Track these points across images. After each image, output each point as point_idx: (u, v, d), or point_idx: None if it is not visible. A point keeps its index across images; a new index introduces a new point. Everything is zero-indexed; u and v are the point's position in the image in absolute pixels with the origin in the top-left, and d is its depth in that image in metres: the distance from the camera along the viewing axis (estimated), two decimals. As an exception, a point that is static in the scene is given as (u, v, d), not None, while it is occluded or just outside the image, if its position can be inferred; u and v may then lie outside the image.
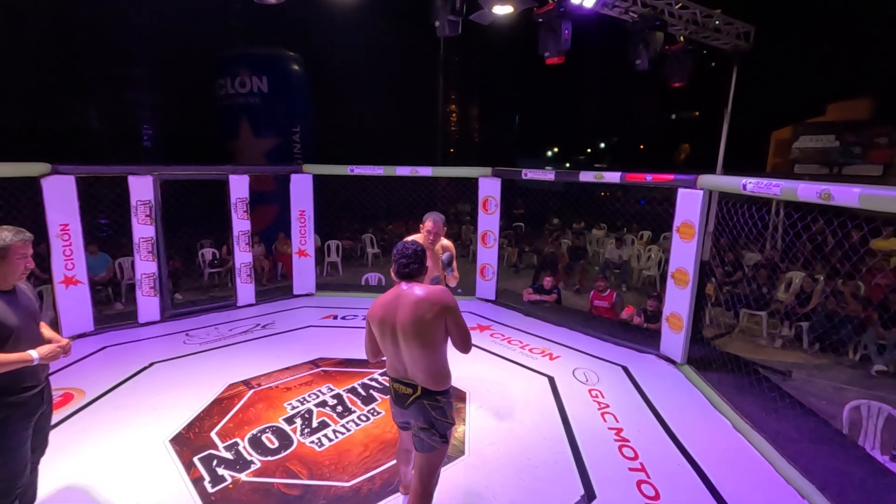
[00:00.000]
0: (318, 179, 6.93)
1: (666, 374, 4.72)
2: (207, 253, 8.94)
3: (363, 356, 4.92)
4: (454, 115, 31.44)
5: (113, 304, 7.12)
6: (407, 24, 18.01)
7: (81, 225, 5.22)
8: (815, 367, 5.49)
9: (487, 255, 6.86)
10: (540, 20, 5.57)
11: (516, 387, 4.37)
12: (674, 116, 35.98)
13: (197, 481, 2.97)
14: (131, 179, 5.48)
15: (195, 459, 3.19)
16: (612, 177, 5.55)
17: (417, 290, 2.26)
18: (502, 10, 5.17)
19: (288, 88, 10.59)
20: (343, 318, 6.16)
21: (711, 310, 6.68)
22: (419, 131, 20.79)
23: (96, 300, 5.61)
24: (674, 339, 4.89)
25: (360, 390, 4.21)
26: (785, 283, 7.26)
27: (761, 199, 3.81)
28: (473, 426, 3.69)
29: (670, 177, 4.93)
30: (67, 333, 5.18)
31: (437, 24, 4.94)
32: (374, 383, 4.36)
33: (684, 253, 4.72)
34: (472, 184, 6.79)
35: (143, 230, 5.58)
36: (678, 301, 4.81)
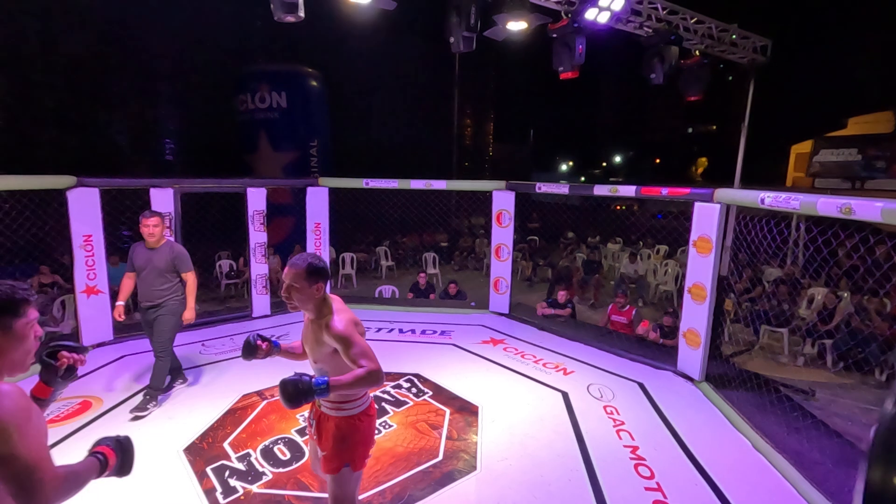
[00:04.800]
0: (333, 192, 7.02)
1: (683, 392, 4.62)
2: (225, 264, 9.08)
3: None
4: (469, 129, 31.72)
5: (133, 314, 7.25)
6: (422, 40, 18.34)
7: (104, 236, 5.36)
8: (840, 386, 5.33)
9: (501, 268, 6.84)
10: (554, 36, 5.62)
11: (529, 402, 4.32)
12: (690, 130, 35.76)
13: (209, 492, 2.98)
14: (153, 192, 5.61)
15: (208, 470, 3.21)
16: (628, 190, 5.52)
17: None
18: (516, 27, 5.23)
19: (306, 104, 10.81)
20: (356, 330, 6.18)
21: (730, 326, 6.54)
22: (434, 145, 20.99)
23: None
24: (691, 355, 4.80)
25: (372, 403, 4.21)
26: (807, 300, 7.09)
27: (780, 214, 3.74)
28: (485, 440, 3.65)
29: (686, 190, 4.88)
30: (88, 342, 5.28)
31: (451, 40, 5.01)
32: (386, 395, 4.35)
33: (701, 268, 4.65)
34: (486, 197, 6.81)
35: (163, 241, 5.70)
36: (695, 317, 4.72)
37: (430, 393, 4.43)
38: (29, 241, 5.52)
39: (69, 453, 3.38)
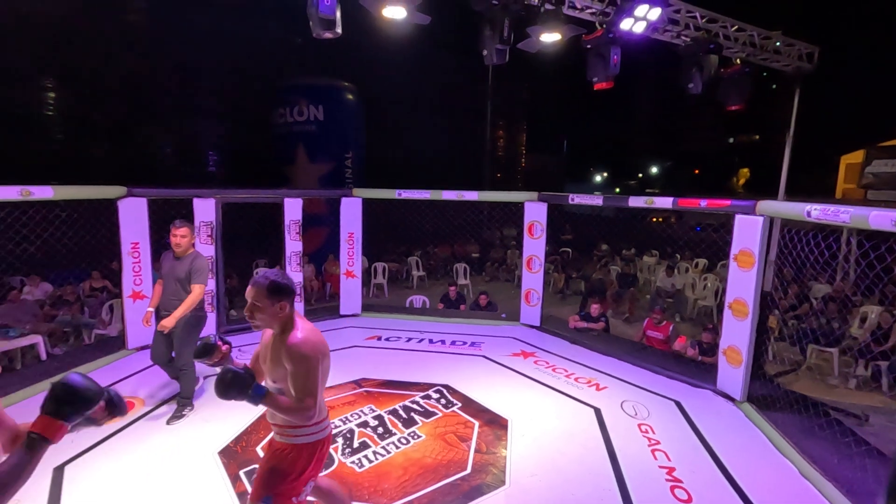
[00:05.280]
0: (366, 203, 7.14)
1: (723, 412, 4.43)
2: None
3: (406, 378, 4.96)
4: (501, 140, 31.74)
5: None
6: (455, 53, 18.57)
7: (150, 244, 5.61)
8: (897, 411, 4.99)
9: (532, 280, 6.77)
10: (588, 46, 5.58)
11: (560, 417, 4.23)
12: (732, 140, 34.65)
13: (242, 495, 3.04)
14: (196, 202, 5.85)
15: (241, 473, 3.28)
16: (664, 202, 5.38)
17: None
18: (550, 38, 5.23)
19: (342, 116, 11.10)
20: (387, 339, 6.23)
21: (775, 345, 6.25)
22: (466, 156, 21.12)
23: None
24: (732, 374, 4.60)
25: (401, 412, 4.22)
26: (859, 318, 6.70)
27: (829, 227, 3.56)
28: (515, 455, 3.59)
29: (727, 202, 4.72)
30: (133, 345, 5.52)
31: (485, 53, 5.05)
32: (415, 406, 4.35)
33: (743, 282, 4.47)
34: (517, 208, 6.78)
35: (205, 249, 5.92)
36: (736, 334, 4.53)
37: (460, 404, 4.40)
38: (83, 247, 5.85)
39: (113, 452, 3.53)
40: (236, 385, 1.82)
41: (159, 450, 3.56)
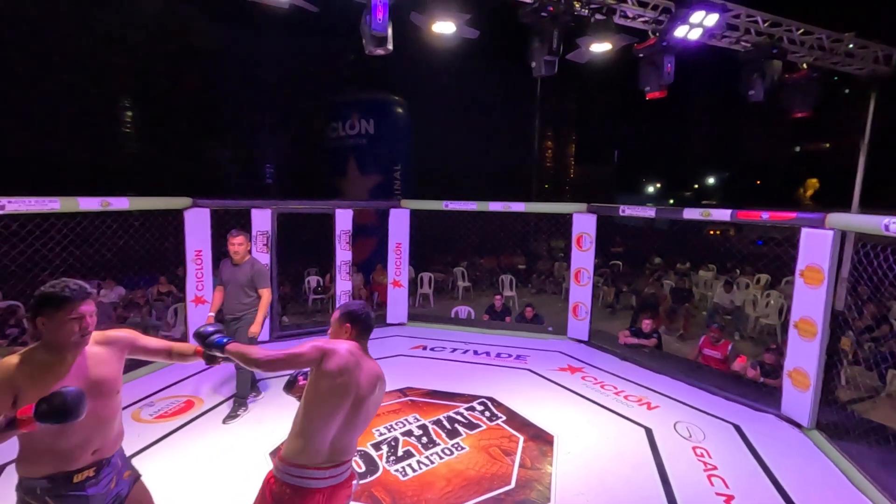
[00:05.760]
0: (414, 214, 7.25)
1: (789, 439, 4.13)
2: (313, 280, 9.66)
3: (450, 389, 4.96)
4: (549, 151, 31.42)
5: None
6: (503, 64, 18.65)
7: (211, 251, 5.95)
8: None
9: (581, 293, 6.63)
10: (640, 55, 5.47)
11: (609, 435, 4.09)
12: (798, 149, 32.63)
13: (290, 496, 3.14)
14: (254, 212, 6.16)
15: (290, 474, 3.37)
16: (722, 214, 5.13)
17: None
18: (600, 49, 5.16)
19: (392, 130, 11.39)
20: (432, 349, 6.26)
21: (848, 369, 5.78)
22: (514, 167, 21.05)
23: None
24: (798, 398, 4.29)
25: (445, 423, 4.22)
26: (948, 343, 6.08)
27: (910, 242, 3.28)
28: (560, 472, 3.50)
29: (792, 215, 4.45)
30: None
31: (533, 65, 5.04)
32: (459, 417, 4.34)
33: (810, 301, 4.17)
34: (565, 220, 6.67)
35: (260, 257, 6.20)
36: (803, 355, 4.23)
37: (504, 418, 4.35)
38: (152, 254, 6.28)
39: (173, 447, 3.74)
40: (200, 334, 2.03)
41: (215, 447, 3.73)
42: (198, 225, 5.78)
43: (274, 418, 4.17)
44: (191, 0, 12.94)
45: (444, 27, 4.76)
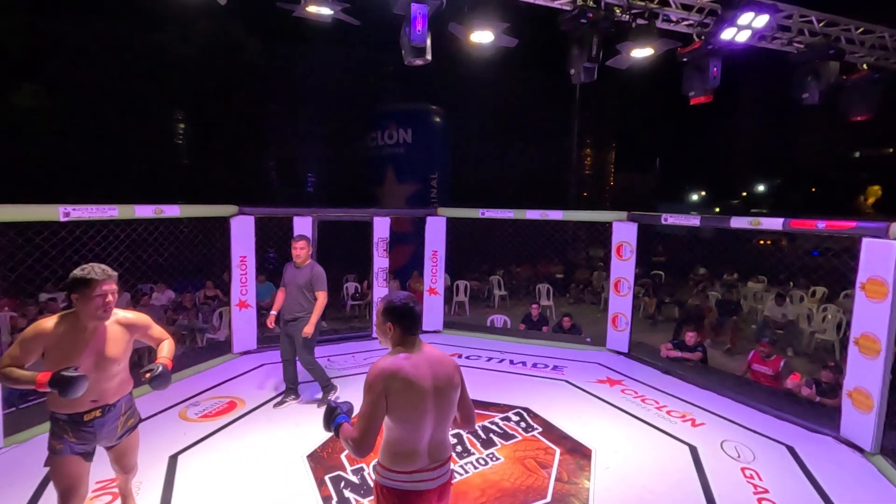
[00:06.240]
0: (450, 222, 7.28)
1: (849, 464, 3.86)
2: (351, 286, 9.83)
3: (485, 398, 4.93)
4: (589, 158, 30.90)
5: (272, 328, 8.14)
6: (541, 72, 18.54)
7: (255, 257, 6.16)
8: None
9: (620, 303, 6.45)
10: (684, 60, 5.31)
11: (649, 451, 3.94)
12: (857, 154, 30.76)
13: (326, 499, 3.19)
14: (296, 220, 6.35)
15: (326, 478, 3.43)
16: (773, 223, 4.89)
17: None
18: (642, 54, 5.04)
19: (429, 139, 11.51)
20: (467, 357, 6.23)
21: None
22: (552, 175, 20.81)
23: (260, 322, 6.51)
24: (860, 420, 4.00)
25: (479, 432, 4.18)
26: None
27: None
28: (599, 488, 3.39)
29: (851, 224, 4.19)
30: (238, 349, 6.06)
31: (572, 72, 4.98)
32: (494, 427, 4.29)
33: (873, 316, 3.90)
34: (605, 228, 6.53)
35: (301, 264, 6.37)
36: (865, 374, 3.95)
37: (540, 429, 4.27)
38: (200, 259, 6.57)
39: (217, 446, 3.87)
40: (325, 414, 2.05)
41: (255, 448, 3.84)
42: (243, 232, 6.00)
43: (312, 421, 4.24)
44: (241, 17, 13.54)
45: (483, 36, 4.78)
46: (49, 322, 2.22)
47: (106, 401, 2.36)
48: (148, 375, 2.35)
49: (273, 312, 4.62)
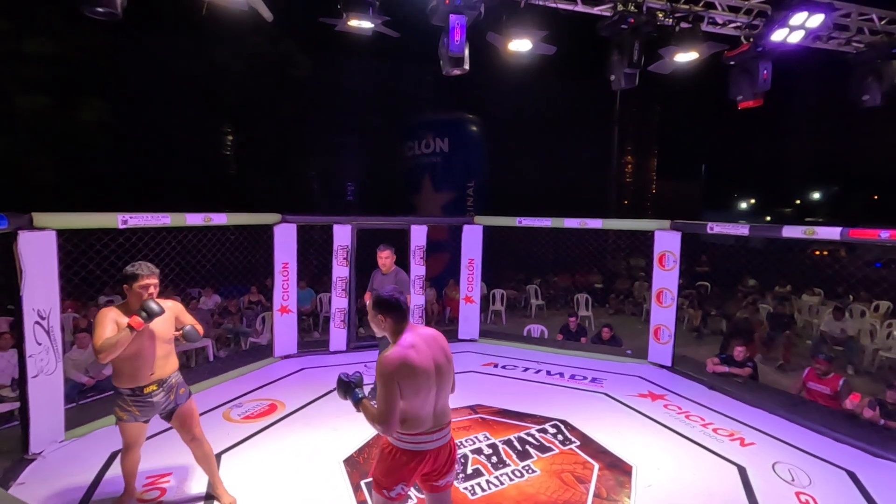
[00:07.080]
0: (487, 230, 7.26)
1: (918, 493, 3.56)
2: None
3: (522, 409, 4.86)
4: (630, 166, 30.23)
5: (312, 333, 8.36)
6: (580, 78, 18.32)
7: (297, 264, 6.34)
8: None
9: (663, 315, 6.24)
10: (731, 63, 5.13)
11: (694, 470, 3.77)
12: (924, 159, 28.70)
13: (362, 504, 3.21)
14: (335, 228, 6.49)
15: (362, 483, 3.46)
16: (830, 233, 4.63)
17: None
18: (685, 58, 4.90)
19: (466, 148, 11.58)
20: (503, 367, 6.17)
21: None
22: (591, 183, 20.46)
23: (300, 328, 6.66)
24: (930, 446, 3.70)
25: (515, 444, 4.12)
26: None
27: None
28: (640, 507, 3.27)
29: (918, 234, 3.90)
30: (279, 353, 6.23)
31: (612, 78, 4.89)
32: (530, 438, 4.22)
33: (944, 332, 3.61)
34: (646, 237, 6.35)
35: (341, 270, 6.51)
36: (936, 395, 3.65)
37: (578, 443, 4.17)
38: (245, 265, 6.81)
39: (260, 446, 3.99)
40: (340, 388, 2.37)
41: (294, 450, 3.93)
42: (285, 239, 6.19)
43: (348, 427, 4.30)
44: (288, 33, 14.06)
45: (521, 45, 4.77)
46: (113, 309, 2.78)
47: (161, 375, 2.89)
48: (180, 332, 2.97)
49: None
